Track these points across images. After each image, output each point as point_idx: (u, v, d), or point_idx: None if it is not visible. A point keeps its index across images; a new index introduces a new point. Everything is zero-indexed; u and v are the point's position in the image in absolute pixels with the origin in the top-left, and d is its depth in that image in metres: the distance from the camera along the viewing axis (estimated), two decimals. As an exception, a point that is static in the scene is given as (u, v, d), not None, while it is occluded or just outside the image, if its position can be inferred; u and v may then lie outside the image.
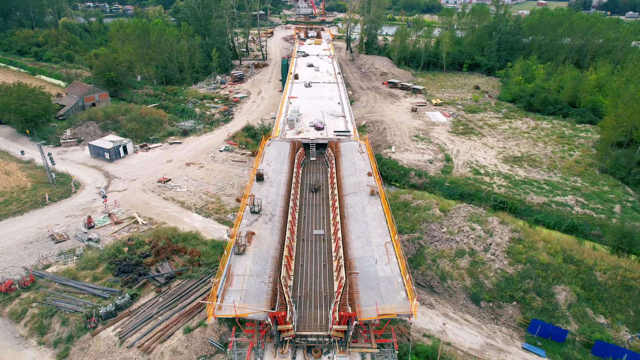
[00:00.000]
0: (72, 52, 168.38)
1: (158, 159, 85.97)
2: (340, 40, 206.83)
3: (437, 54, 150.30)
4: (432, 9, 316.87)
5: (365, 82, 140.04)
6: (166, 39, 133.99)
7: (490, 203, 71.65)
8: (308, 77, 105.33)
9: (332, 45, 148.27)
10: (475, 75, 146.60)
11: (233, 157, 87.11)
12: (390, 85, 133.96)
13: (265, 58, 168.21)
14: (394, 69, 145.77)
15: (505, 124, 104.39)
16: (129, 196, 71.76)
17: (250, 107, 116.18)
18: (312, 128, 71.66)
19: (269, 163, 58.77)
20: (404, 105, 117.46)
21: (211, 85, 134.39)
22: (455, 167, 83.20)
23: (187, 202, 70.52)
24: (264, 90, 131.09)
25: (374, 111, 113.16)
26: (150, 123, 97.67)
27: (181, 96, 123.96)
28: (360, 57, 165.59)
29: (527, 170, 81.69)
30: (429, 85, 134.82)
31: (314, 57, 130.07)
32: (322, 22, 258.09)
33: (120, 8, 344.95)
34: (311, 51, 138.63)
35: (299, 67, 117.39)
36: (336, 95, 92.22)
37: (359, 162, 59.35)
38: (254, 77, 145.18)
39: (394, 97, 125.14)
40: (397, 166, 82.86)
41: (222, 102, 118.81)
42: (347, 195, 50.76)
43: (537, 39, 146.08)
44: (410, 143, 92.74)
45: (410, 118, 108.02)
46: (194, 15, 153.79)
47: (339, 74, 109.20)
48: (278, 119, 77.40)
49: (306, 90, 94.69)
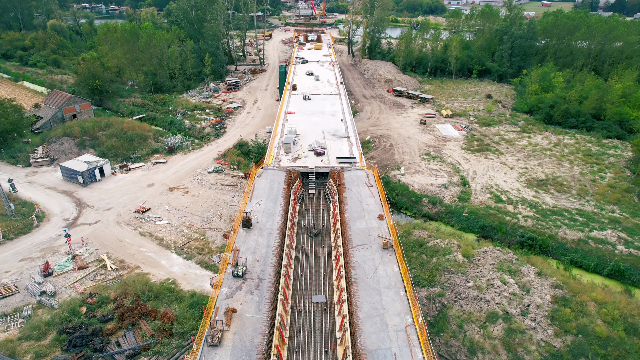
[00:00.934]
0: (59, 57, 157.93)
1: (138, 182, 75.57)
2: (341, 43, 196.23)
3: (444, 60, 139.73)
4: (435, 10, 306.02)
5: (369, 90, 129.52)
6: (155, 44, 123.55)
7: (517, 239, 61.26)
8: (307, 88, 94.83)
9: (333, 50, 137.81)
10: (486, 83, 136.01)
11: (223, 179, 76.73)
12: (395, 94, 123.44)
13: (263, 63, 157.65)
14: (399, 76, 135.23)
15: (523, 139, 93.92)
16: (100, 231, 61.41)
17: (245, 119, 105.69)
18: (311, 152, 61.26)
19: (260, 201, 48.37)
20: (412, 117, 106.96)
21: (204, 93, 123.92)
22: (473, 192, 72.79)
23: (167, 238, 60.18)
24: (260, 99, 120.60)
25: (379, 124, 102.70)
26: (132, 139, 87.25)
27: (170, 106, 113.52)
28: (363, 61, 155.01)
29: (555, 197, 71.25)
30: (437, 94, 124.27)
31: (313, 64, 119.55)
32: (323, 24, 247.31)
33: (117, 9, 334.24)
34: (311, 57, 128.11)
35: (298, 76, 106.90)
36: (338, 110, 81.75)
37: (367, 199, 48.97)
38: (250, 84, 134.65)
39: (401, 107, 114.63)
40: (407, 192, 72.46)
41: (214, 114, 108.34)
42: (354, 249, 40.44)
43: (552, 43, 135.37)
44: (421, 163, 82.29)
45: (420, 132, 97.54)
46: (187, 18, 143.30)
47: (341, 84, 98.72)
48: (272, 140, 66.95)
49: (305, 104, 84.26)
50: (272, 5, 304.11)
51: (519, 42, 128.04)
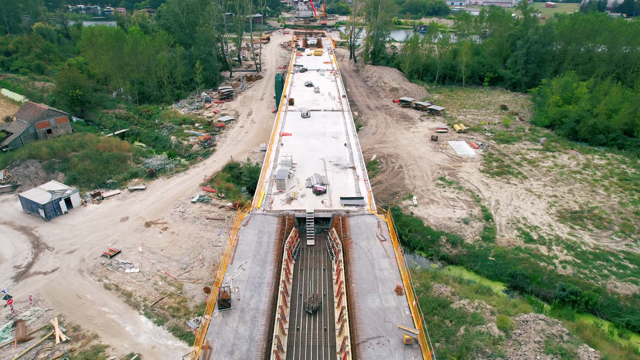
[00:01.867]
0: (42, 63, 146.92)
1: (111, 215, 64.69)
2: (342, 47, 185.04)
3: (454, 66, 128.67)
4: (438, 12, 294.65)
5: (373, 100, 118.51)
6: (142, 50, 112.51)
7: (555, 292, 50.47)
8: (306, 103, 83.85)
9: (334, 56, 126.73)
10: (499, 91, 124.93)
11: (208, 211, 65.85)
12: (402, 105, 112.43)
13: (259, 69, 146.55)
14: (405, 84, 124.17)
15: (547, 159, 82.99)
16: (57, 283, 50.64)
17: (237, 135, 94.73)
18: (309, 190, 50.42)
19: (244, 264, 37.54)
20: (422, 132, 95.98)
21: (194, 104, 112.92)
22: (498, 228, 61.92)
23: (136, 293, 49.40)
24: (255, 111, 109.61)
25: (386, 140, 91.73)
26: (108, 161, 76.41)
27: (157, 119, 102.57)
28: (366, 67, 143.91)
29: (595, 235, 60.38)
30: (447, 104, 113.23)
31: (313, 73, 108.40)
32: (323, 26, 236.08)
33: (112, 10, 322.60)
34: (310, 64, 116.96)
35: (296, 87, 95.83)
36: (341, 130, 70.84)
37: (379, 260, 38.15)
38: (245, 93, 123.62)
39: (408, 119, 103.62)
40: (422, 228, 61.62)
41: (203, 128, 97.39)
42: (365, 345, 29.65)
43: (571, 48, 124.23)
44: (435, 190, 71.36)
45: (431, 150, 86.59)
46: (178, 22, 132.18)
47: (344, 97, 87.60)
48: (263, 173, 56.02)
49: (303, 123, 73.34)
50: (270, 6, 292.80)
51: (535, 48, 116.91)
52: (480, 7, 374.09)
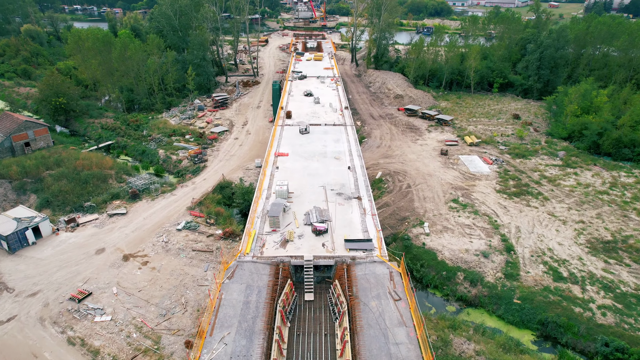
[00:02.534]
0: (29, 67, 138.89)
1: (86, 245, 56.96)
2: (343, 49, 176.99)
3: (461, 72, 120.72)
4: (440, 12, 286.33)
5: (377, 108, 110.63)
6: (131, 55, 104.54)
7: (597, 347, 42.75)
8: (305, 115, 75.90)
9: (335, 61, 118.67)
10: (509, 98, 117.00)
11: (195, 241, 58.12)
12: (408, 113, 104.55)
13: (257, 74, 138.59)
14: (410, 90, 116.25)
15: (569, 176, 75.20)
16: (11, 337, 42.97)
17: (231, 148, 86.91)
18: (307, 228, 42.64)
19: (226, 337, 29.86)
20: (430, 145, 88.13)
21: (186, 112, 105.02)
22: (521, 262, 54.18)
23: (105, 350, 41.72)
24: (251, 120, 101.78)
25: (392, 154, 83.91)
26: (87, 181, 68.64)
27: (145, 130, 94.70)
28: (369, 72, 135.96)
29: (635, 272, 52.66)
30: (456, 113, 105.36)
31: (313, 81, 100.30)
32: (323, 27, 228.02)
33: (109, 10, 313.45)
34: (310, 70, 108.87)
35: (294, 97, 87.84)
36: (344, 149, 62.96)
37: (394, 330, 30.49)
38: (241, 100, 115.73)
39: (415, 130, 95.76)
40: (436, 262, 53.90)
41: (195, 140, 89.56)
42: None
43: (586, 53, 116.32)
44: (448, 214, 63.57)
45: (441, 166, 78.78)
46: (170, 25, 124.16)
47: (347, 109, 79.57)
48: (254, 206, 48.14)
49: (301, 140, 65.45)
50: (270, 7, 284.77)
51: (549, 53, 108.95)
52: (482, 7, 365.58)
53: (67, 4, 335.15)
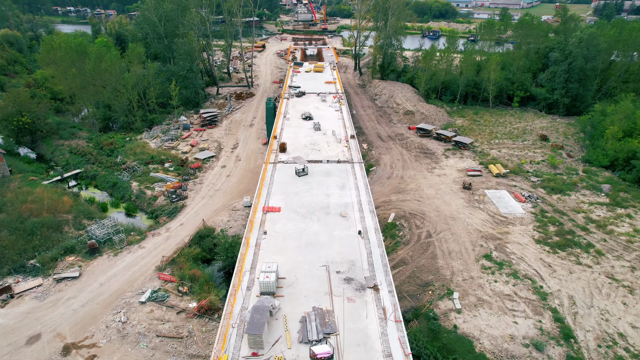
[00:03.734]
0: (1, 77, 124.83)
1: (15, 331, 43.34)
2: (345, 56, 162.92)
3: (477, 83, 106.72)
4: (445, 14, 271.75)
5: (384, 126, 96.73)
6: (107, 67, 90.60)
7: None
8: (302, 148, 61.61)
9: (337, 73, 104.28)
10: (532, 114, 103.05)
11: (161, 320, 44.48)
12: (420, 134, 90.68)
13: (252, 84, 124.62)
14: (421, 105, 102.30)
15: (621, 220, 61.45)
16: None
17: (217, 180, 73.19)
18: (304, 347, 28.92)
19: None
20: (449, 175, 74.35)
21: (169, 132, 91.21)
22: (587, 357, 40.44)
23: None
24: (243, 142, 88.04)
25: (406, 188, 70.14)
26: (34, 232, 55.00)
27: (120, 155, 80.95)
28: (374, 83, 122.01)
29: None
30: (475, 133, 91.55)
31: (312, 98, 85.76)
32: (324, 31, 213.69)
33: (103, 13, 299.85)
34: (309, 85, 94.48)
35: (290, 121, 73.37)
36: (352, 199, 48.80)
37: None
38: (232, 117, 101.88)
39: (430, 155, 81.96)
40: (472, 355, 40.16)
41: (175, 169, 75.82)
42: None
43: (619, 63, 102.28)
44: (482, 277, 49.89)
45: (466, 205, 65.04)
46: (155, 32, 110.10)
47: (353, 138, 65.16)
48: (230, 306, 33.94)
49: (297, 186, 51.39)
50: (268, 9, 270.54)
51: (579, 64, 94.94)
52: (487, 9, 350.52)
53: (61, 6, 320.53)
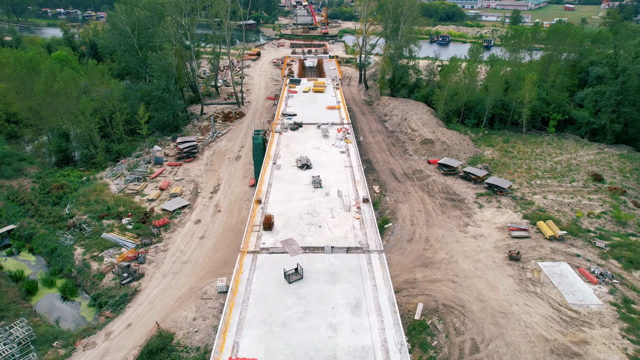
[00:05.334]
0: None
1: None
2: (349, 65, 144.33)
3: (506, 104, 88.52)
4: (452, 17, 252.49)
5: (398, 158, 78.68)
6: (61, 89, 72.41)
7: None
8: (296, 222, 41.96)
9: (342, 94, 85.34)
10: (573, 142, 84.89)
11: None
12: (444, 171, 72.62)
13: (242, 102, 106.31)
14: (441, 132, 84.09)
15: None
16: None
17: (186, 245, 55.23)
18: None
19: None
20: (488, 236, 56.36)
21: (137, 169, 73.29)
22: None
23: None
24: (226, 183, 70.05)
25: (434, 259, 52.19)
26: None
27: (68, 205, 62.95)
28: (383, 100, 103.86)
29: None
30: (509, 168, 73.59)
31: (311, 133, 65.73)
32: (324, 36, 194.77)
33: (94, 15, 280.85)
34: (307, 111, 75.41)
35: (282, 171, 53.97)
36: (375, 341, 29.85)
37: None
38: (216, 145, 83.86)
39: (459, 204, 63.93)
40: None
41: (134, 227, 57.85)
42: None
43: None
44: None
45: (517, 288, 47.15)
46: (127, 44, 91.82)
47: (368, 202, 45.93)
48: None
49: (286, 306, 31.47)
50: (266, 11, 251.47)
51: (635, 83, 76.74)
52: (494, 10, 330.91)
53: (51, 7, 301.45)
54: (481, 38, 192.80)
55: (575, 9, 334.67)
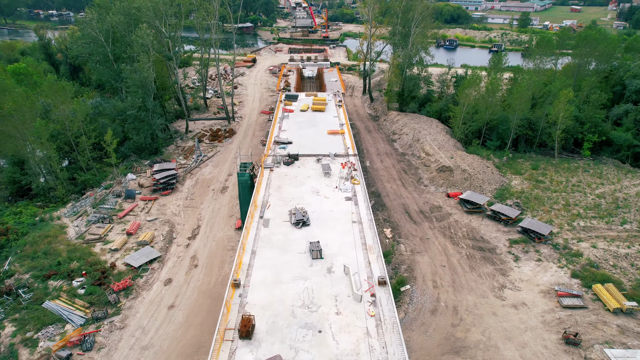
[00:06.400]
0: None
1: None
2: (351, 72, 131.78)
3: (532, 123, 75.99)
4: (457, 19, 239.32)
5: (412, 190, 66.18)
6: (10, 110, 59.88)
7: None
8: (285, 322, 28.54)
9: (346, 114, 71.84)
10: (612, 168, 72.37)
11: None
12: (468, 209, 60.10)
13: (233, 117, 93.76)
14: (460, 157, 71.56)
15: None
16: None
17: (150, 320, 42.79)
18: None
19: None
20: (532, 304, 43.97)
21: (104, 206, 60.88)
22: None
23: None
24: (207, 225, 57.66)
25: (467, 342, 39.80)
26: None
27: (10, 257, 50.50)
28: (390, 116, 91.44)
29: None
30: (543, 204, 61.24)
31: (309, 170, 51.45)
32: (325, 40, 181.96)
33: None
34: (305, 139, 61.62)
35: (269, 233, 39.74)
36: None
37: None
38: (200, 173, 71.38)
39: (490, 255, 51.48)
40: None
41: (88, 290, 45.42)
42: None
43: None
44: None
45: (583, 395, 34.68)
46: (100, 54, 79.29)
47: (386, 284, 33.07)
48: None
49: None
50: (265, 12, 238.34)
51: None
52: (498, 12, 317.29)
53: (43, 9, 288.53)
54: (490, 42, 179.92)
55: (582, 10, 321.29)
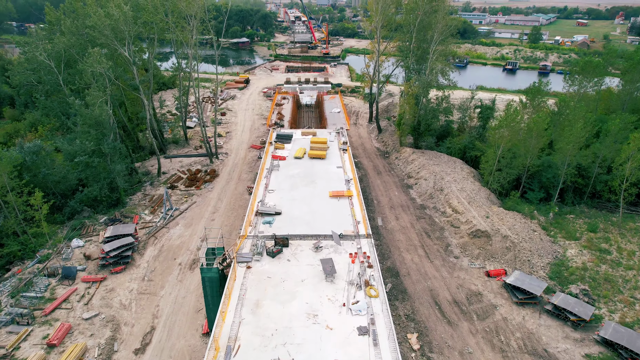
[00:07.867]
0: None
1: None
2: (354, 95, 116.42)
3: (584, 170, 59.84)
4: (464, 34, 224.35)
5: (440, 265, 49.85)
6: None
7: None
8: None
9: (351, 160, 55.38)
10: (691, 229, 55.95)
11: None
12: (518, 299, 43.66)
13: (216, 155, 77.71)
14: (497, 215, 55.39)
15: None
16: None
17: None
18: None
19: None
20: None
21: (34, 286, 44.54)
22: None
23: None
24: (164, 326, 41.22)
25: None
26: None
27: None
28: (404, 153, 75.50)
29: None
30: (615, 287, 45.03)
31: (304, 261, 33.73)
32: (325, 57, 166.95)
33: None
34: (298, 203, 43.82)
35: None
36: None
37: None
38: (167, 237, 55.13)
39: (565, 387, 34.89)
40: None
41: None
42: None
43: None
44: None
45: None
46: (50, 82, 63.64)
47: None
48: None
49: None
50: (262, 27, 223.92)
51: None
52: (502, 25, 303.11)
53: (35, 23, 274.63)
54: (503, 59, 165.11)
55: (588, 24, 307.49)
